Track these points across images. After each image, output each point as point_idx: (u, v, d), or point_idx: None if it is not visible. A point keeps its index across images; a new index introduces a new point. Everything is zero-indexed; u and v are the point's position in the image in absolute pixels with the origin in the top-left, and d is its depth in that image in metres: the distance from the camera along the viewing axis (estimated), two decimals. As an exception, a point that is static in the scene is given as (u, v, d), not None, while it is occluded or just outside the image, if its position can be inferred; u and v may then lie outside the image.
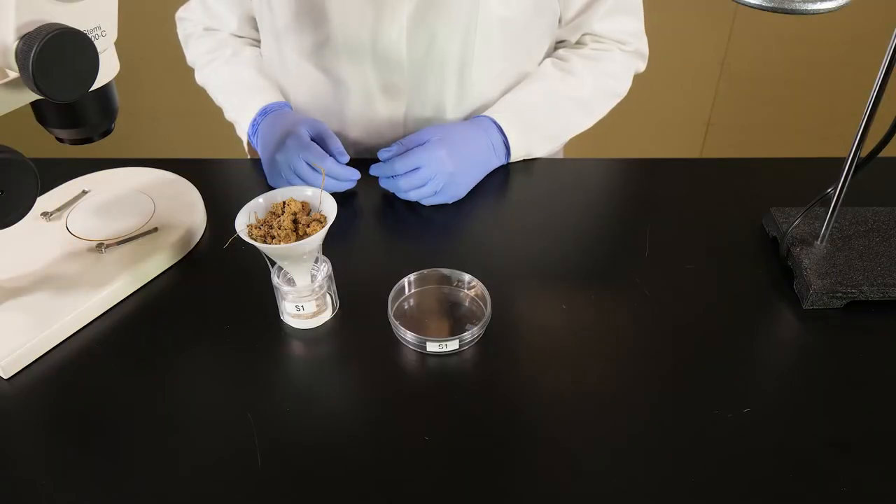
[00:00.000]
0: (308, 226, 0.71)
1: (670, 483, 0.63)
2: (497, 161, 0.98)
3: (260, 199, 0.74)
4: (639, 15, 1.05)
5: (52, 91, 0.60)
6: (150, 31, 1.43)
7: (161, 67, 1.72)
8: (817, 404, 0.69)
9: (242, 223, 0.72)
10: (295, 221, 0.72)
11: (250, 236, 0.71)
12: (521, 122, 0.98)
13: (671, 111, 2.14)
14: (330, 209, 0.73)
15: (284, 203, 0.74)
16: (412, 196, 0.91)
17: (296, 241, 0.70)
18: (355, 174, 0.92)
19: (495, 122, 0.97)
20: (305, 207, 0.74)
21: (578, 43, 1.05)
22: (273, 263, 0.75)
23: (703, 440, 0.66)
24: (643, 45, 1.07)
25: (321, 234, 0.70)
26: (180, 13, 1.09)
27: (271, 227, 0.72)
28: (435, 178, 0.89)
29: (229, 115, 1.03)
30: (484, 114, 0.98)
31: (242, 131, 1.01)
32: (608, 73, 1.04)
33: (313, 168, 0.89)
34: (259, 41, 1.07)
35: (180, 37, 1.10)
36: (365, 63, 0.95)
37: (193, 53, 1.07)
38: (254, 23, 1.04)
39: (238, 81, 1.02)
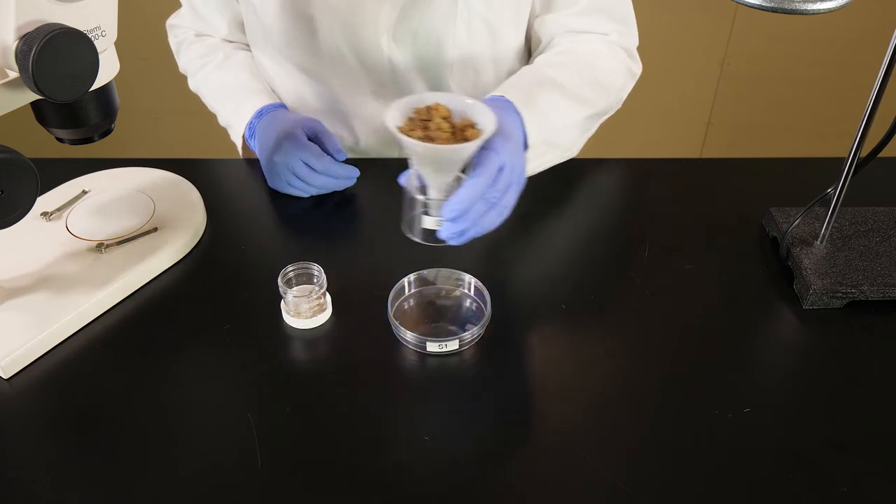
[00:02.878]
0: (464, 130, 0.66)
1: (671, 483, 0.63)
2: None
3: (403, 100, 0.68)
4: (622, 19, 0.97)
5: (52, 91, 0.60)
6: (150, 31, 1.42)
7: (161, 67, 1.72)
8: (817, 404, 0.69)
9: (396, 119, 0.66)
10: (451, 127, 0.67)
11: (403, 132, 0.65)
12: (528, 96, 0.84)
13: (671, 111, 2.14)
14: (488, 121, 0.66)
15: (429, 108, 0.68)
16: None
17: (456, 143, 0.64)
18: (354, 172, 0.92)
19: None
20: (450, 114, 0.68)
21: (551, 45, 0.97)
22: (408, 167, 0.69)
23: (703, 440, 0.66)
24: (629, 43, 0.98)
25: (483, 138, 0.64)
26: (171, 20, 1.09)
27: (427, 128, 0.66)
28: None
29: (223, 119, 1.03)
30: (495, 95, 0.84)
31: (237, 135, 1.00)
32: (596, 58, 0.93)
33: (312, 168, 0.89)
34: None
35: (172, 44, 1.09)
36: (352, 69, 0.95)
37: (185, 60, 1.06)
38: (244, 27, 1.04)
39: (231, 85, 1.01)
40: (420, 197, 0.69)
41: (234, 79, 1.01)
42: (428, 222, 0.69)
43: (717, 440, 0.66)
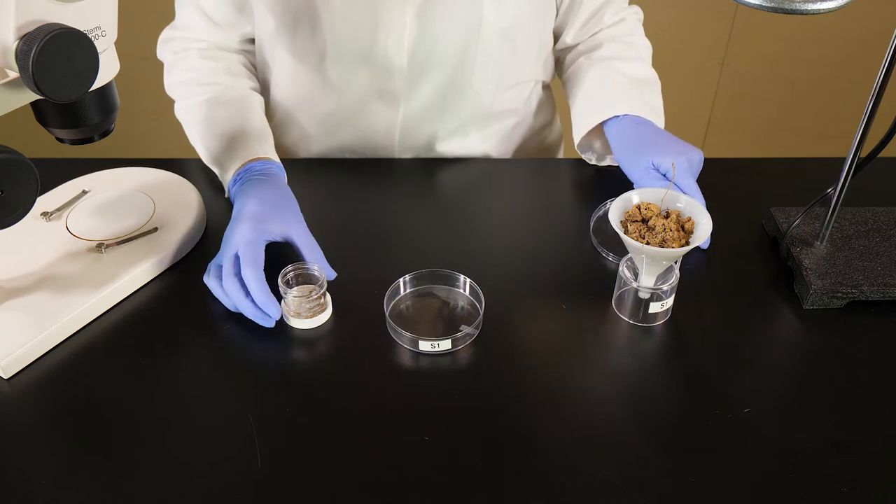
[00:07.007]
0: (682, 224, 0.73)
1: (671, 483, 0.63)
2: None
3: (634, 198, 0.75)
4: None
5: (52, 91, 0.60)
6: (150, 31, 1.42)
7: (161, 67, 1.72)
8: (817, 404, 0.69)
9: (617, 224, 0.72)
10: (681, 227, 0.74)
11: (625, 230, 0.73)
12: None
13: (671, 111, 2.13)
14: (697, 208, 0.74)
15: (638, 207, 0.75)
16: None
17: (682, 245, 0.71)
18: (274, 313, 0.74)
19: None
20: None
21: (593, 36, 1.03)
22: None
23: (703, 440, 0.66)
24: (635, 14, 1.07)
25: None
26: (167, 34, 1.02)
27: (650, 227, 0.72)
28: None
29: (207, 162, 0.94)
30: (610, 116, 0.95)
31: (224, 181, 0.91)
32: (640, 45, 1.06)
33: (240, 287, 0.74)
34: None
35: (167, 60, 1.02)
36: (361, 69, 0.95)
37: (177, 80, 0.99)
38: (254, 35, 1.01)
39: (225, 130, 0.92)
40: (635, 284, 0.75)
41: (227, 122, 0.92)
42: (654, 307, 0.76)
43: (717, 440, 0.66)
